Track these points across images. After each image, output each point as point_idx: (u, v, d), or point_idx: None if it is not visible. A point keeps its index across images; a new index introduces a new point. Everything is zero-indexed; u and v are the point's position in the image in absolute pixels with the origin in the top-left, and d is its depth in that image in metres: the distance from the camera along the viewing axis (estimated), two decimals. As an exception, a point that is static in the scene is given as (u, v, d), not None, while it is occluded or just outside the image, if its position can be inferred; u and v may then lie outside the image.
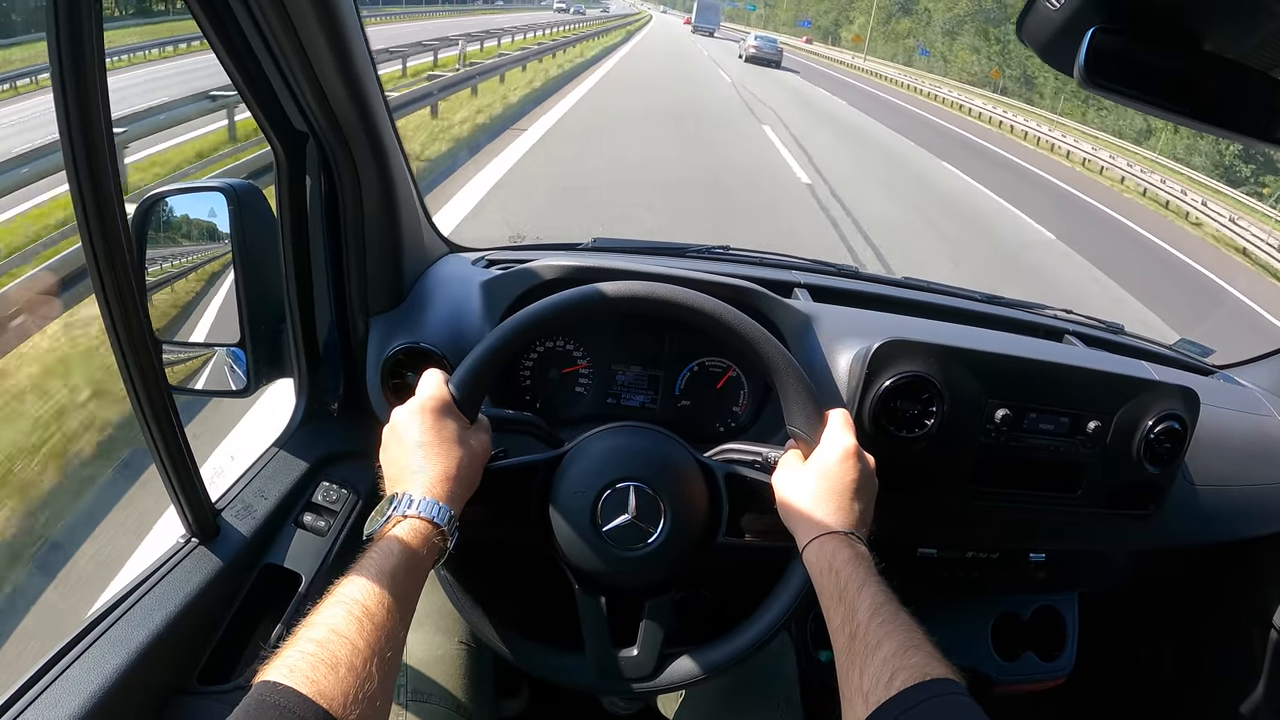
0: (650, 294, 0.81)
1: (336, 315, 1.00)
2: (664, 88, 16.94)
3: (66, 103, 0.61)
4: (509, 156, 7.92)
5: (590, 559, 0.79)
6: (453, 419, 0.74)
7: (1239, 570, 1.37)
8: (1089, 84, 0.64)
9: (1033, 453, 1.05)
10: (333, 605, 0.58)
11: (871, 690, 0.58)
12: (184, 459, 0.79)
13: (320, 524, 0.95)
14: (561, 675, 0.81)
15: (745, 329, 0.81)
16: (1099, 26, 0.63)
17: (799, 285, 1.22)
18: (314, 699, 0.51)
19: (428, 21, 32.16)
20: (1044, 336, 1.32)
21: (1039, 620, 1.30)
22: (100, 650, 0.73)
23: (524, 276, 1.04)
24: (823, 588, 0.70)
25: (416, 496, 0.68)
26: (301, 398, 1.03)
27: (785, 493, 0.78)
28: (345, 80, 0.81)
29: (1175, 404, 1.07)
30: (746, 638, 0.80)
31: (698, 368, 1.10)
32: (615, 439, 0.83)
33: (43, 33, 0.59)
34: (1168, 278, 9.58)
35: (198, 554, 0.84)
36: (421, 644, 0.98)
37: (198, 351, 1.02)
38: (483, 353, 0.78)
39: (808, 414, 0.80)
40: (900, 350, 0.98)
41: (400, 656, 0.61)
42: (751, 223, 6.92)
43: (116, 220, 0.66)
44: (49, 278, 2.85)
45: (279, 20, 0.73)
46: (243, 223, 0.92)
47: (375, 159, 0.91)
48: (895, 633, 0.62)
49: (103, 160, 0.64)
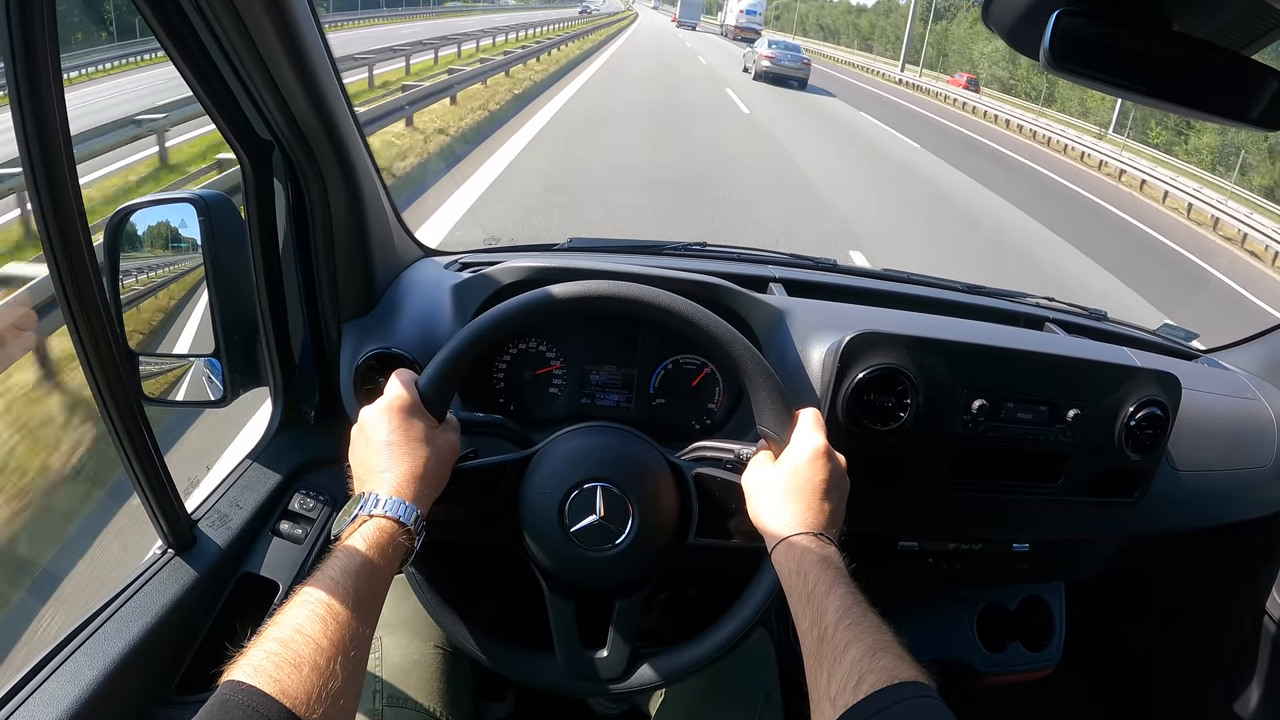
0: (614, 292, 0.81)
1: (309, 323, 1.00)
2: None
3: (24, 118, 0.61)
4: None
5: (559, 560, 0.79)
6: (420, 419, 0.74)
7: (1226, 555, 1.36)
8: (1055, 68, 0.63)
9: (1012, 443, 1.05)
10: (297, 605, 0.59)
11: (839, 694, 0.58)
12: (157, 470, 0.79)
13: (297, 532, 0.95)
14: (533, 676, 0.81)
15: (711, 327, 0.80)
16: (1064, 9, 0.62)
17: (774, 280, 1.22)
18: (278, 698, 0.51)
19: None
20: (1024, 325, 1.32)
21: (1025, 610, 1.30)
22: (78, 662, 0.73)
23: (494, 278, 1.04)
24: (791, 589, 0.70)
25: (383, 496, 0.68)
26: (277, 406, 1.03)
27: (754, 493, 0.78)
28: (305, 87, 0.81)
29: (1156, 390, 1.06)
30: (717, 639, 0.80)
31: (671, 366, 1.10)
32: (584, 439, 0.82)
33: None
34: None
35: (174, 565, 0.85)
36: (397, 649, 0.98)
37: (174, 363, 1.02)
38: (449, 353, 0.78)
39: (777, 413, 0.80)
40: (872, 342, 0.98)
41: (366, 656, 0.61)
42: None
43: (78, 232, 0.67)
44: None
45: (235, 28, 0.72)
46: (214, 233, 0.92)
47: (341, 166, 0.91)
48: (863, 635, 0.62)
49: (62, 173, 0.65)
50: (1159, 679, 1.51)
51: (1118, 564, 1.34)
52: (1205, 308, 7.92)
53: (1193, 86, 0.66)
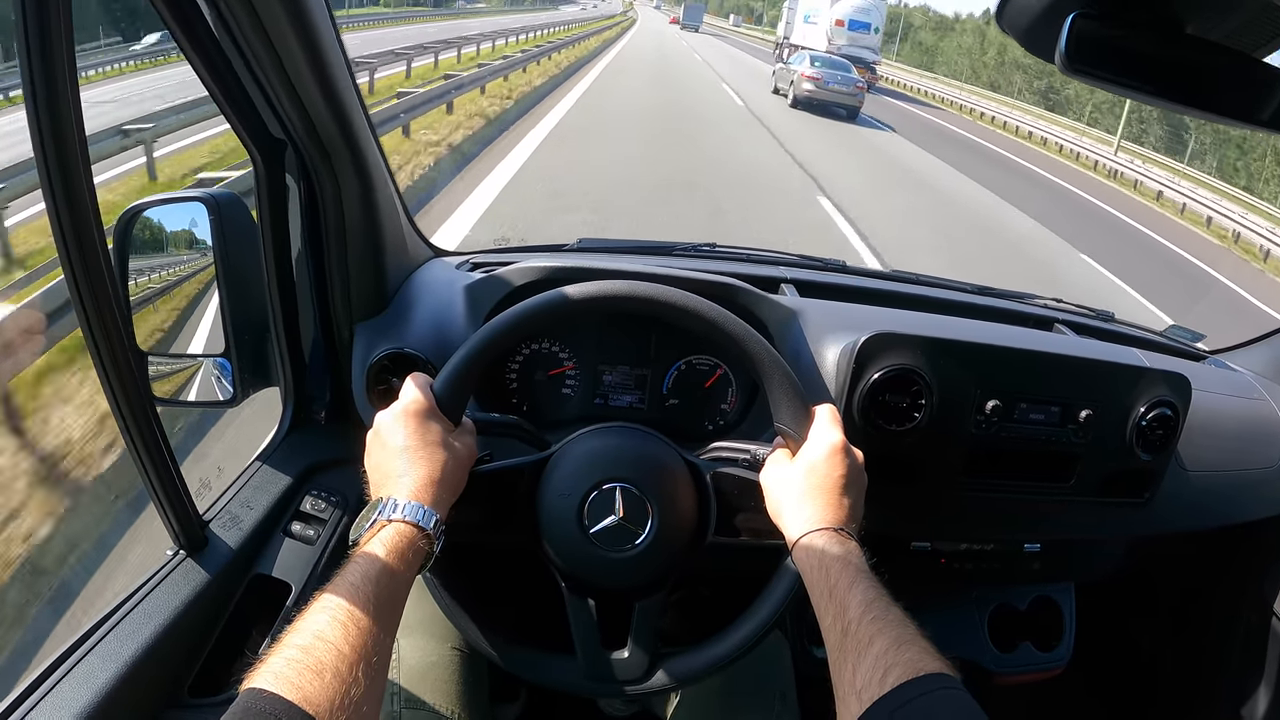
0: (631, 292, 0.81)
1: (321, 323, 1.00)
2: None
3: (39, 118, 0.61)
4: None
5: (578, 561, 0.79)
6: (436, 422, 0.74)
7: (1236, 556, 1.37)
8: (1070, 70, 0.64)
9: (1024, 443, 1.05)
10: (318, 611, 0.58)
11: (865, 687, 0.58)
12: (169, 471, 0.78)
13: (309, 533, 0.94)
14: (551, 678, 0.80)
15: (728, 325, 0.80)
16: (1079, 11, 0.63)
17: (786, 280, 1.22)
18: (300, 705, 0.51)
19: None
20: (1034, 326, 1.32)
21: (1036, 611, 1.30)
22: (90, 665, 0.72)
23: (506, 279, 1.04)
24: (813, 585, 0.70)
25: (401, 501, 0.68)
26: (288, 407, 1.02)
27: (773, 490, 0.78)
28: (321, 86, 0.81)
29: (1166, 390, 1.07)
30: (737, 638, 0.79)
31: (685, 366, 1.10)
32: (601, 440, 0.82)
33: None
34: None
35: (186, 566, 0.84)
36: (414, 650, 0.98)
37: (185, 363, 1.02)
38: (464, 356, 0.78)
39: (794, 410, 0.80)
40: (887, 343, 0.98)
41: (388, 661, 0.61)
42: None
43: (93, 232, 0.66)
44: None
45: (252, 27, 0.72)
46: (224, 232, 0.92)
47: (355, 165, 0.91)
48: (887, 629, 0.62)
49: (77, 173, 0.64)
50: (1168, 679, 1.51)
51: (1127, 564, 1.34)
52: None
53: (1205, 89, 0.66)
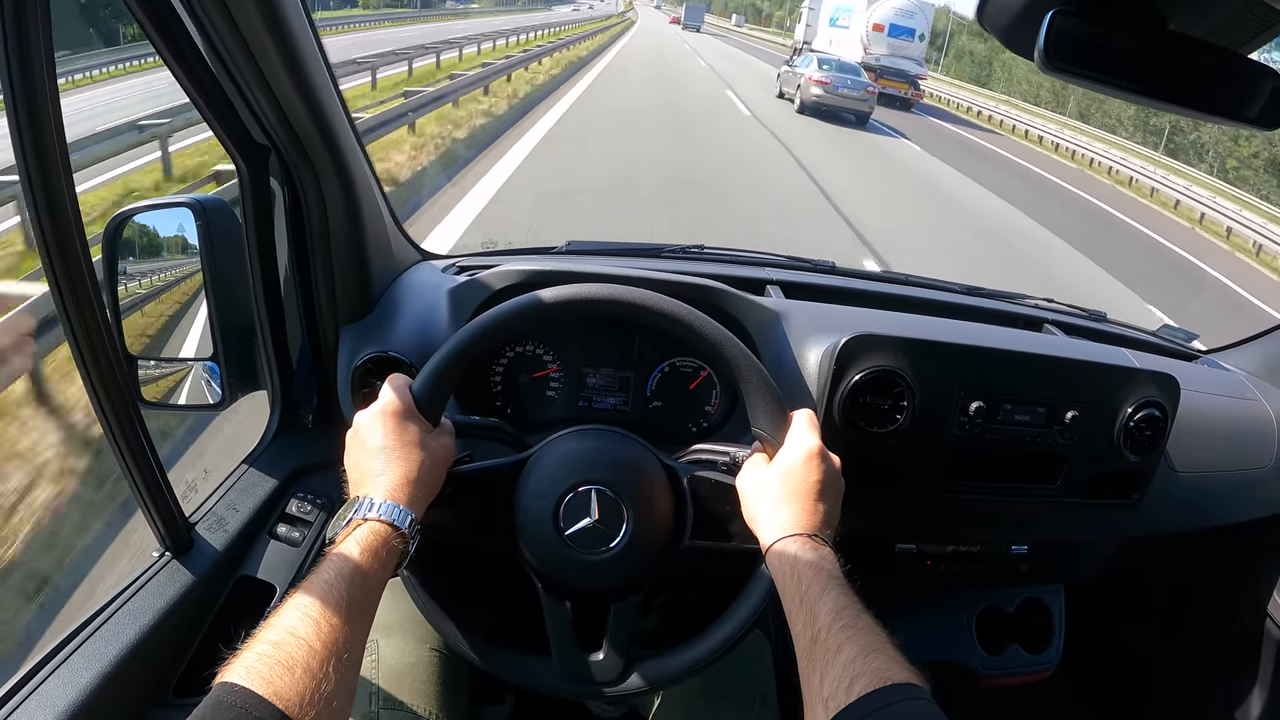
0: (608, 295, 0.81)
1: (307, 327, 1.01)
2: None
3: (19, 122, 0.61)
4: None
5: (554, 563, 0.79)
6: (414, 423, 0.75)
7: (1226, 557, 1.36)
8: (1050, 68, 0.63)
9: (1009, 444, 1.04)
10: (291, 608, 0.59)
11: (832, 696, 0.58)
12: (154, 473, 0.79)
13: (294, 535, 0.95)
14: (527, 679, 0.81)
15: (705, 329, 0.80)
16: (1059, 9, 0.62)
17: (771, 282, 1.22)
18: (270, 700, 0.52)
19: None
20: (1023, 327, 1.31)
21: (1025, 613, 1.29)
22: (75, 665, 0.73)
23: (487, 282, 1.04)
24: (785, 590, 0.70)
25: (377, 500, 0.69)
26: (275, 410, 1.03)
27: (749, 495, 0.78)
28: (300, 91, 0.81)
29: (1154, 391, 1.06)
30: (713, 642, 0.79)
31: (669, 368, 1.10)
32: (579, 442, 0.82)
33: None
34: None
35: (171, 568, 0.85)
36: (393, 651, 0.99)
37: (173, 367, 1.02)
38: (442, 358, 0.78)
39: (770, 415, 0.80)
40: (868, 345, 0.98)
41: (360, 658, 0.61)
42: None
43: (74, 236, 0.67)
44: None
45: (229, 32, 0.73)
46: (211, 237, 0.93)
47: (337, 170, 0.91)
48: (856, 637, 0.62)
49: (58, 178, 0.65)
50: (1159, 681, 1.51)
51: (1117, 566, 1.33)
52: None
53: (1189, 86, 0.66)
